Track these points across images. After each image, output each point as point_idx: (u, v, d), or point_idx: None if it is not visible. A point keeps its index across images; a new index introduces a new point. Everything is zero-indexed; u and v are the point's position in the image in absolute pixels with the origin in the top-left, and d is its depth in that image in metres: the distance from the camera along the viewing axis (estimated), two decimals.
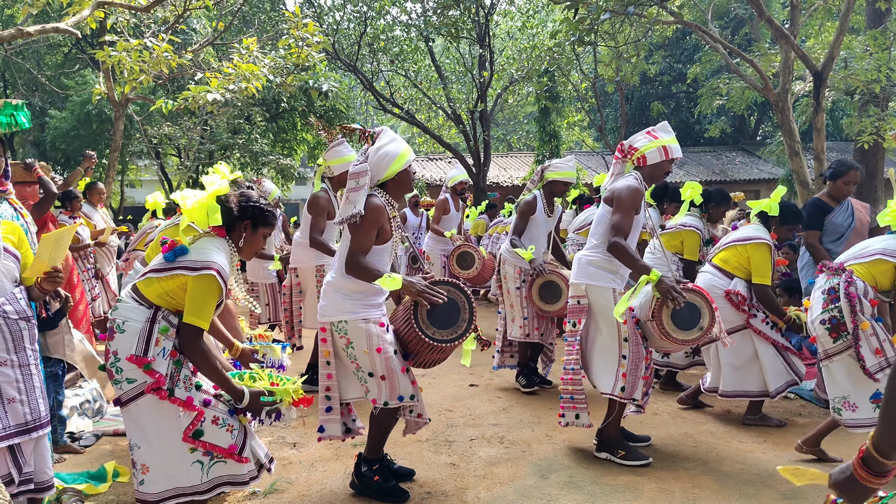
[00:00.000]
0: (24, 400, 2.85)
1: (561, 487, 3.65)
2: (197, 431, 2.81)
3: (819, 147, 10.01)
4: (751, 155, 24.76)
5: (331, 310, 3.36)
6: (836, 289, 3.83)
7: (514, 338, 5.56)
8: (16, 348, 2.85)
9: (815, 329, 3.92)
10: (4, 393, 2.81)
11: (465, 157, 17.34)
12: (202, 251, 2.87)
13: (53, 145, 15.46)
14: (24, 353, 2.88)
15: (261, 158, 15.92)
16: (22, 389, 2.85)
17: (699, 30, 10.80)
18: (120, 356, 2.79)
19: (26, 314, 2.89)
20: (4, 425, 2.77)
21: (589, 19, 9.84)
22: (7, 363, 2.82)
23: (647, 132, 4.04)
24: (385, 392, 3.35)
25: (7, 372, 2.82)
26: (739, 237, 4.73)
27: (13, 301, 2.87)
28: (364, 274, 3.28)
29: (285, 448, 4.31)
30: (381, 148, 3.37)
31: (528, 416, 4.93)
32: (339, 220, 3.34)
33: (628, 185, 3.91)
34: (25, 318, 2.89)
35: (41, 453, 2.95)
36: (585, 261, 4.06)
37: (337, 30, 15.76)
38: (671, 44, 23.19)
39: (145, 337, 2.78)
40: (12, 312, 2.85)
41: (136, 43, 7.87)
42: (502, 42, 18.61)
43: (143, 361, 2.76)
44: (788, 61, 10.13)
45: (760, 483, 3.68)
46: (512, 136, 27.78)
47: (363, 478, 3.57)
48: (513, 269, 5.54)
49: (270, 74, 8.50)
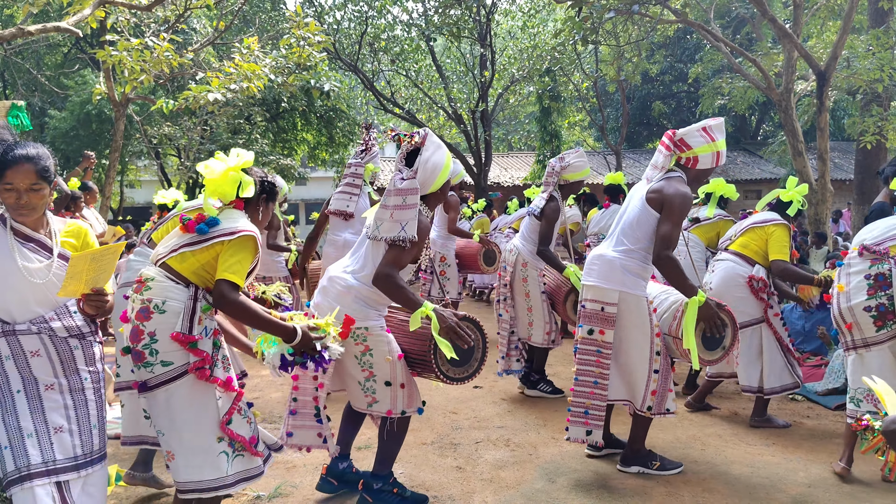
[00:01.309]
0: (75, 430, 2.54)
1: (569, 491, 3.60)
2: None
3: (822, 147, 9.99)
4: (752, 155, 24.73)
5: (351, 314, 3.14)
6: (887, 275, 3.61)
7: (535, 343, 5.37)
8: (65, 370, 2.56)
9: (856, 315, 3.68)
10: (51, 420, 2.49)
11: (466, 157, 17.31)
12: (232, 220, 2.82)
13: (53, 145, 15.40)
14: (76, 377, 2.59)
15: (261, 158, 15.90)
16: (72, 417, 2.55)
17: (701, 29, 10.77)
18: (158, 337, 2.66)
19: (80, 331, 2.62)
20: (47, 458, 2.45)
21: (592, 18, 9.81)
22: (54, 387, 2.53)
23: (703, 129, 3.67)
24: (403, 401, 3.23)
25: (55, 397, 2.53)
26: (757, 220, 4.70)
27: (63, 315, 2.59)
28: (396, 293, 3.12)
29: (290, 451, 4.27)
30: (430, 159, 3.20)
31: (533, 419, 4.89)
32: (379, 236, 3.16)
33: (683, 194, 3.58)
34: (78, 336, 2.61)
35: (92, 493, 2.61)
36: (619, 265, 3.70)
37: (338, 29, 15.73)
38: (673, 43, 23.17)
39: (189, 316, 2.69)
40: (60, 329, 2.56)
41: (137, 42, 7.82)
42: (503, 41, 18.59)
43: (189, 339, 2.66)
44: (791, 60, 10.10)
45: (770, 486, 3.63)
46: (513, 136, 27.77)
47: (381, 494, 3.35)
48: (536, 272, 5.30)
49: (272, 74, 8.45)
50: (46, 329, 2.53)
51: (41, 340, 2.52)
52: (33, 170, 2.50)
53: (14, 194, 2.51)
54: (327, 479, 3.51)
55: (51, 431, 2.47)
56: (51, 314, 2.55)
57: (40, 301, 2.55)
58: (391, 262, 3.12)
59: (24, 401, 2.48)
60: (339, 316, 3.02)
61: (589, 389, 3.80)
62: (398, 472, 3.87)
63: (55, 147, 15.38)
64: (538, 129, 20.02)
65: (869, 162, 14.30)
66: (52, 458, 2.46)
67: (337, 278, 3.28)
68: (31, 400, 2.49)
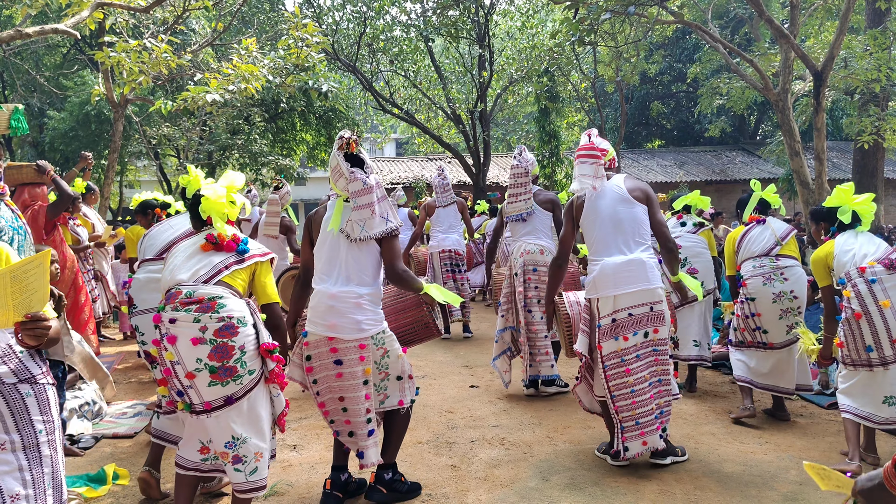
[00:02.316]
0: (31, 495, 2.10)
1: (562, 489, 3.63)
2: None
3: (819, 147, 10.01)
4: (751, 155, 24.75)
5: (371, 322, 3.29)
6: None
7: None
8: (17, 424, 2.09)
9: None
10: (5, 488, 2.05)
11: (464, 158, 17.33)
12: (249, 241, 3.16)
13: (52, 146, 15.42)
14: (29, 430, 2.11)
15: (260, 159, 15.90)
16: (28, 481, 2.09)
17: (699, 29, 10.80)
18: (247, 349, 2.86)
19: (29, 374, 2.15)
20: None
21: (589, 19, 9.83)
22: (5, 446, 2.07)
23: (597, 135, 3.97)
24: (410, 390, 3.48)
25: (8, 459, 2.07)
26: (790, 228, 4.87)
27: (9, 358, 2.12)
28: (412, 280, 3.37)
29: (285, 450, 4.30)
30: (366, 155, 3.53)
31: (528, 418, 4.92)
32: (371, 234, 3.25)
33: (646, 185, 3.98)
34: (29, 381, 2.14)
35: None
36: (652, 264, 3.82)
37: (336, 30, 15.75)
38: (671, 43, 23.20)
39: (261, 324, 2.97)
40: (7, 374, 2.10)
41: (136, 44, 7.86)
42: (502, 42, 18.61)
43: (272, 346, 2.92)
44: (788, 61, 10.13)
45: (762, 484, 3.66)
46: (511, 136, 27.75)
47: (393, 483, 3.48)
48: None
49: (270, 75, 8.48)
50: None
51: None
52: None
53: None
54: (332, 494, 3.45)
55: (6, 501, 2.06)
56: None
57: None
58: (397, 253, 3.33)
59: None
60: (365, 325, 3.26)
61: (648, 395, 3.76)
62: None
63: (54, 147, 15.39)
64: (537, 130, 20.03)
65: (867, 162, 14.34)
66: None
67: (342, 294, 3.26)
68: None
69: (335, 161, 3.29)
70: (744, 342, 4.87)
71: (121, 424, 4.86)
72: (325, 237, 3.36)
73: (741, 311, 4.86)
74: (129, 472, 3.93)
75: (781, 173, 20.43)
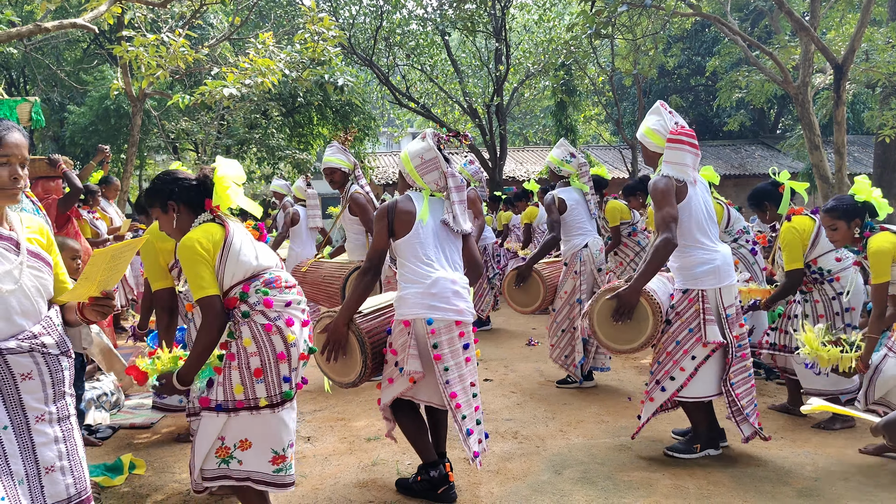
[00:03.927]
0: (66, 467, 2.08)
1: (575, 483, 3.63)
2: None
3: (839, 141, 9.90)
4: (770, 149, 24.49)
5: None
6: None
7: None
8: (55, 396, 2.08)
9: None
10: (42, 459, 2.02)
11: (481, 152, 17.31)
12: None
13: (72, 140, 15.58)
14: (62, 402, 2.11)
15: (277, 153, 15.97)
16: (63, 452, 2.08)
17: (718, 22, 10.70)
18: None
19: (66, 346, 2.15)
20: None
21: (606, 12, 9.77)
22: (45, 417, 2.05)
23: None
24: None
25: (45, 430, 2.05)
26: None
27: (51, 329, 2.10)
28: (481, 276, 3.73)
29: (299, 442, 4.33)
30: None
31: (542, 412, 4.92)
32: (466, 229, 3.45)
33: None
34: (66, 353, 2.14)
35: None
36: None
37: (353, 24, 15.76)
38: (690, 36, 22.97)
39: None
40: (52, 346, 2.08)
41: (153, 38, 7.91)
42: (519, 35, 18.52)
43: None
44: (808, 54, 10.01)
45: (776, 480, 3.64)
46: (528, 130, 27.67)
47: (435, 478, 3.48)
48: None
49: (286, 69, 8.51)
50: (39, 346, 2.04)
51: (34, 360, 2.04)
52: (27, 143, 2.12)
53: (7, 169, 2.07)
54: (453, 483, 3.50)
55: (42, 472, 2.02)
56: (39, 328, 2.07)
57: (26, 311, 2.06)
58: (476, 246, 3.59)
59: (13, 438, 2.00)
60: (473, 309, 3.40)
61: (750, 384, 3.91)
62: (406, 464, 3.92)
63: (74, 142, 15.55)
64: (554, 124, 19.95)
65: (888, 155, 14.14)
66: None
67: (460, 279, 3.36)
68: (21, 436, 2.01)
69: (431, 154, 3.35)
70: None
71: (138, 415, 4.92)
72: (426, 228, 3.32)
73: (825, 310, 4.50)
74: (146, 462, 3.98)
75: (801, 167, 20.21)
